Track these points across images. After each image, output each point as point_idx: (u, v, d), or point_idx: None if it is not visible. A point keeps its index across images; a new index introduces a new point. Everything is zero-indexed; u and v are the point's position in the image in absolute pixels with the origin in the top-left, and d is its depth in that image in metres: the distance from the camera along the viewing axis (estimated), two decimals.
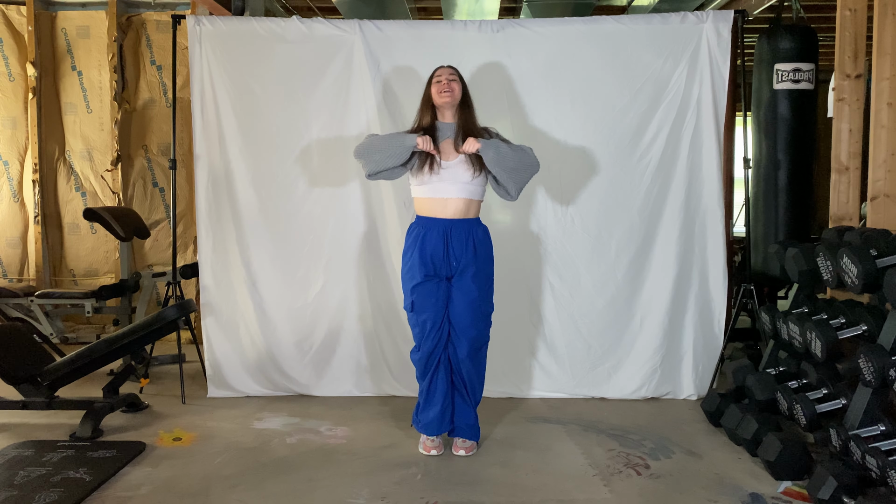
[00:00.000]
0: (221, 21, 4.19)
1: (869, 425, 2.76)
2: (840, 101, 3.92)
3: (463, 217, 3.22)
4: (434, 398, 3.27)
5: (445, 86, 3.24)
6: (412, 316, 3.29)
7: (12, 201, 5.78)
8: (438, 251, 3.20)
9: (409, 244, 3.29)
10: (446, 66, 3.35)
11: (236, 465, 3.18)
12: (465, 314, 3.22)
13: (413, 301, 3.26)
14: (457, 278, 3.23)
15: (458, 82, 3.29)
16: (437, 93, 3.25)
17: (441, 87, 3.25)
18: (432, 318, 3.22)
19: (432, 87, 3.30)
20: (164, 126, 5.68)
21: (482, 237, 3.28)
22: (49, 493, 2.81)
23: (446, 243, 3.20)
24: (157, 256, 5.78)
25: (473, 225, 3.26)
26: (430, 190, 3.21)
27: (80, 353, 3.65)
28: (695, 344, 4.11)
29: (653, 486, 2.96)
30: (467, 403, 3.32)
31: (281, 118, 4.13)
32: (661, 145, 4.06)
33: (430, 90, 3.30)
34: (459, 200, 3.20)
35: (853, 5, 3.85)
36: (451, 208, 3.20)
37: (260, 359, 4.21)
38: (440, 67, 3.35)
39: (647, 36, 4.05)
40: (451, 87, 3.25)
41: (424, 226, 3.23)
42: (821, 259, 3.18)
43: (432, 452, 3.30)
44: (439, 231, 3.20)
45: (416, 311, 3.25)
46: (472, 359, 3.27)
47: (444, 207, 3.20)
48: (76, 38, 5.71)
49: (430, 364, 3.26)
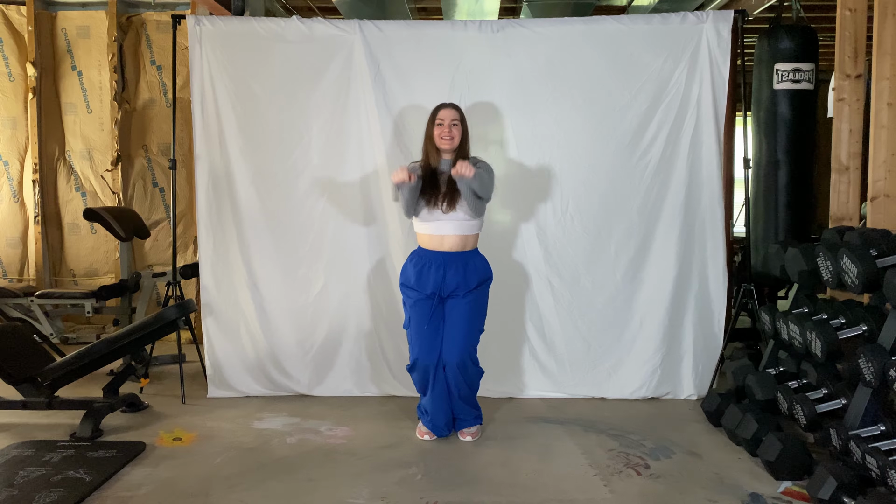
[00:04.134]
0: (221, 21, 4.19)
1: (869, 425, 2.76)
2: (840, 101, 3.92)
3: (460, 250, 3.39)
4: (437, 410, 3.45)
5: (447, 132, 3.38)
6: (409, 332, 3.48)
7: (12, 201, 5.78)
8: (436, 279, 3.38)
9: (408, 266, 3.47)
10: (449, 107, 3.42)
11: (236, 465, 3.18)
12: (456, 331, 3.38)
13: (409, 317, 3.46)
14: (451, 299, 3.40)
15: (459, 126, 3.41)
16: (438, 136, 3.39)
17: (442, 133, 3.39)
18: (427, 335, 3.39)
19: (434, 128, 3.40)
20: (164, 126, 5.68)
21: (478, 265, 3.45)
22: (49, 493, 2.81)
23: (444, 274, 3.37)
24: (157, 256, 5.77)
25: (470, 256, 3.42)
26: (431, 228, 3.39)
27: (80, 353, 3.65)
28: (695, 344, 4.11)
29: (653, 486, 2.96)
30: (465, 401, 3.47)
31: (281, 118, 4.13)
32: (661, 145, 4.06)
33: (433, 130, 3.41)
34: (456, 237, 3.38)
35: (853, 5, 3.85)
36: (447, 244, 3.39)
37: (260, 359, 4.21)
38: (443, 108, 3.42)
39: (647, 36, 4.04)
40: (452, 135, 3.38)
41: (424, 257, 3.43)
42: (821, 259, 3.18)
43: (425, 437, 3.49)
44: (437, 263, 3.38)
45: (412, 326, 3.44)
46: (462, 370, 3.41)
47: (441, 243, 3.38)
48: (76, 38, 5.71)
49: (427, 379, 3.43)
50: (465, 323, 3.38)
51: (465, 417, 3.51)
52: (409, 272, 3.44)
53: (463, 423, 3.51)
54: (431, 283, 3.37)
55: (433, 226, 3.38)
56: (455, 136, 3.38)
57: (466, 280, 3.37)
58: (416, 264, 3.43)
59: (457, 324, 3.38)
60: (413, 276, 3.42)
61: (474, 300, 3.41)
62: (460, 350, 3.37)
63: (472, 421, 3.52)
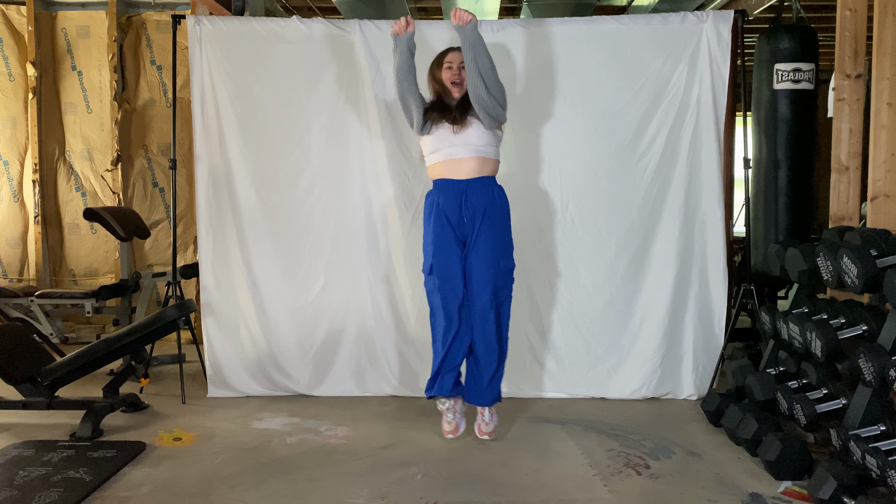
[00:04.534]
0: (221, 21, 4.19)
1: (869, 425, 2.76)
2: (840, 101, 3.92)
3: (477, 176, 3.28)
4: (452, 362, 3.31)
5: (457, 75, 3.34)
6: (430, 279, 3.35)
7: (12, 201, 5.78)
8: (455, 211, 3.26)
9: (426, 210, 3.37)
10: (457, 51, 3.37)
11: (236, 465, 3.18)
12: (480, 274, 3.26)
13: (432, 264, 3.32)
14: (472, 242, 3.28)
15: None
16: (448, 79, 3.35)
17: (452, 76, 3.34)
18: (449, 280, 3.27)
19: (443, 71, 3.37)
20: (164, 126, 5.68)
21: (497, 194, 3.34)
22: (49, 493, 2.81)
23: (461, 203, 3.25)
24: (157, 256, 5.78)
25: (489, 183, 3.31)
26: (444, 154, 3.29)
27: (80, 353, 3.65)
28: (695, 344, 4.11)
29: (653, 486, 2.96)
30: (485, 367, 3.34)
31: (281, 118, 4.13)
32: (660, 145, 4.06)
33: (441, 73, 3.37)
34: (472, 160, 3.27)
35: (853, 5, 3.85)
36: (464, 169, 3.27)
37: (260, 359, 4.21)
38: (451, 52, 3.40)
39: (647, 36, 4.05)
40: (462, 77, 3.33)
41: (440, 189, 3.31)
42: (821, 259, 3.18)
43: (449, 436, 3.38)
44: (455, 192, 3.26)
45: (435, 272, 3.31)
46: (488, 318, 3.28)
47: (457, 169, 3.27)
48: (76, 38, 5.71)
49: (450, 328, 3.28)
50: (490, 260, 3.23)
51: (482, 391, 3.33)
52: (428, 206, 3.34)
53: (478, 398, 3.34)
54: (447, 214, 3.24)
55: (446, 152, 3.27)
56: (464, 80, 3.30)
57: (487, 207, 3.23)
58: (432, 200, 3.31)
59: (482, 263, 3.24)
60: (432, 208, 3.30)
61: (498, 237, 3.27)
62: (489, 290, 3.24)
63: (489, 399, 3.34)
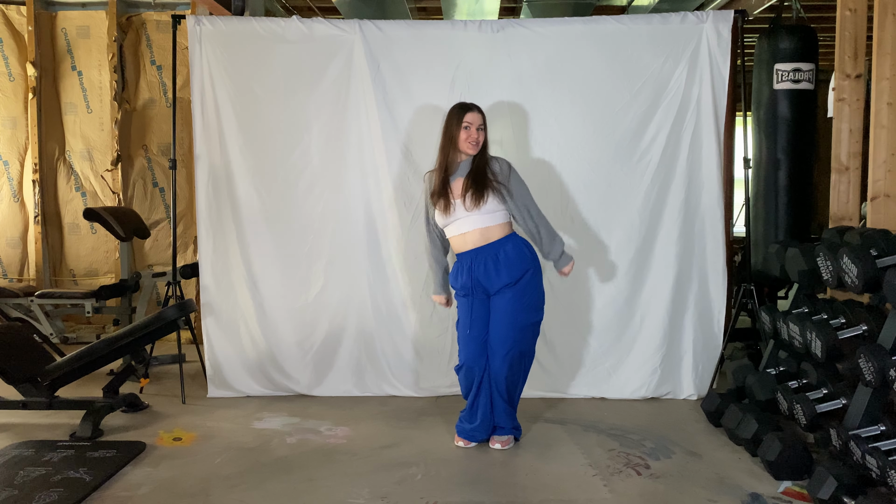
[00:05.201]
0: (221, 21, 4.19)
1: (869, 425, 2.76)
2: (840, 101, 3.92)
3: (484, 244, 3.31)
4: (476, 413, 3.39)
5: (475, 137, 3.33)
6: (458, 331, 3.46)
7: (12, 201, 5.78)
8: (467, 278, 3.34)
9: (452, 271, 3.47)
10: (476, 111, 3.35)
11: (236, 465, 3.18)
12: (499, 327, 3.32)
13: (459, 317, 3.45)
14: (494, 294, 3.34)
15: (484, 131, 3.37)
16: (465, 140, 3.33)
17: (470, 137, 3.32)
18: (471, 334, 3.35)
19: (461, 131, 3.33)
20: (164, 126, 5.68)
21: (510, 252, 3.31)
22: (49, 493, 2.81)
23: (472, 272, 3.32)
24: (157, 256, 5.78)
25: (498, 247, 3.32)
26: (452, 229, 3.37)
27: (80, 353, 3.65)
28: (695, 344, 4.11)
29: (653, 486, 2.96)
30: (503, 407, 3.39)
31: (281, 118, 4.13)
32: (660, 145, 4.06)
33: (458, 133, 3.33)
34: (475, 232, 3.32)
35: (853, 5, 3.85)
36: (469, 241, 3.33)
37: (260, 359, 4.21)
38: (470, 112, 3.34)
39: (647, 36, 4.05)
40: (479, 139, 3.34)
41: (459, 260, 3.40)
42: (821, 259, 3.18)
43: (460, 444, 3.41)
44: (466, 263, 3.34)
45: (458, 325, 3.44)
46: (507, 369, 3.33)
47: (464, 242, 3.35)
48: (76, 38, 5.71)
49: (472, 380, 3.37)
50: (508, 317, 3.28)
51: (503, 425, 3.40)
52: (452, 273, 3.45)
53: (499, 431, 3.41)
54: (462, 282, 3.35)
55: (453, 227, 3.36)
56: (480, 141, 3.35)
57: (499, 274, 3.28)
58: (456, 268, 3.42)
59: (499, 321, 3.30)
60: (452, 278, 3.44)
61: (517, 294, 3.29)
62: (504, 347, 3.29)
63: (509, 431, 3.41)
